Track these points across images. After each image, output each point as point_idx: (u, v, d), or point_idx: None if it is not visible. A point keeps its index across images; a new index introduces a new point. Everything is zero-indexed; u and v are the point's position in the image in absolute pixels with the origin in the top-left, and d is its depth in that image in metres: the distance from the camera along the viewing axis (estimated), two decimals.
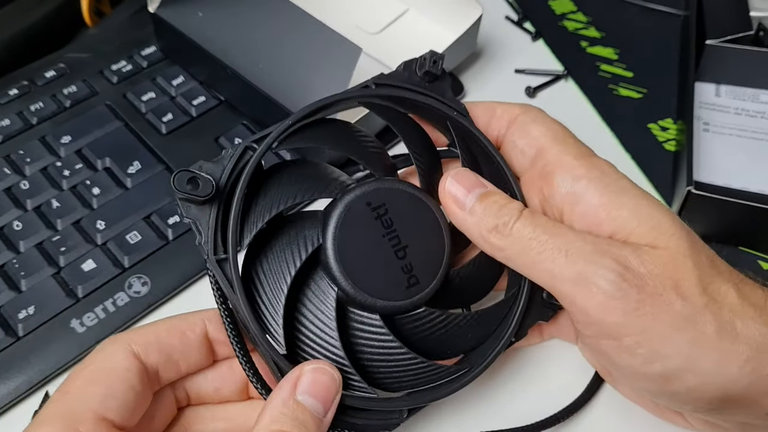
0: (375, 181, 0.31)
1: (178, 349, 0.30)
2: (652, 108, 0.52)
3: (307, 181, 0.32)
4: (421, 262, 0.31)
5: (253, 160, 0.30)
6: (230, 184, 0.30)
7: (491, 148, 0.34)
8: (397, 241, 0.31)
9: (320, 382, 0.28)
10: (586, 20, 0.58)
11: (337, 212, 0.30)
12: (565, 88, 0.53)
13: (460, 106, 0.35)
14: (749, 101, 0.49)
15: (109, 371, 0.28)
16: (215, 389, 0.32)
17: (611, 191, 0.30)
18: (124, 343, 0.29)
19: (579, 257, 0.28)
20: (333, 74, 0.40)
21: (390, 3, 0.50)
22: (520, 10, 0.58)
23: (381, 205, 0.31)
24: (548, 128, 0.33)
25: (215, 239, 0.29)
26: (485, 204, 0.31)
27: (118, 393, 0.28)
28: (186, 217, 0.29)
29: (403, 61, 0.35)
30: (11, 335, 0.37)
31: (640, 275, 0.28)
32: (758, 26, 0.50)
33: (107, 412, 0.27)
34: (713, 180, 0.44)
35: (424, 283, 0.31)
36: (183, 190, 0.28)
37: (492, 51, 0.55)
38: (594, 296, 0.28)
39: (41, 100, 0.46)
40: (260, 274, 0.30)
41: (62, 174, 0.42)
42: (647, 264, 0.28)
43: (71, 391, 0.28)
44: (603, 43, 0.56)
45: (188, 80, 0.48)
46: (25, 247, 0.39)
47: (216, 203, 0.29)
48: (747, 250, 0.44)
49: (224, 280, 0.29)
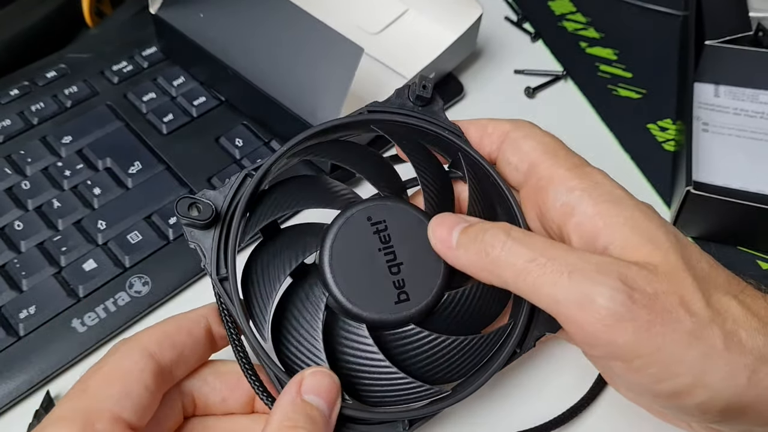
0: (379, 199, 0.32)
1: (189, 345, 0.31)
2: (651, 108, 0.52)
3: (315, 193, 0.33)
4: (415, 280, 0.31)
5: (249, 184, 0.32)
6: (232, 208, 0.31)
7: (489, 167, 0.34)
8: (393, 257, 0.31)
9: (322, 384, 0.29)
10: (586, 21, 0.58)
11: (338, 223, 0.31)
12: (565, 88, 0.53)
13: (454, 127, 0.35)
14: (748, 101, 0.49)
15: (125, 371, 0.29)
16: (222, 400, 0.32)
17: (606, 201, 0.30)
18: (139, 343, 0.30)
19: (582, 277, 0.27)
20: (334, 74, 0.40)
21: (390, 3, 0.50)
22: (520, 11, 0.58)
23: (381, 221, 0.32)
24: (539, 142, 0.33)
25: (217, 260, 0.30)
26: (469, 235, 0.30)
27: (133, 393, 0.28)
28: (190, 241, 0.31)
29: (396, 89, 0.36)
30: (12, 335, 0.37)
31: (647, 294, 0.27)
32: (757, 27, 0.50)
33: (123, 411, 0.28)
34: (712, 180, 0.44)
35: (415, 301, 0.31)
36: (185, 215, 0.30)
37: (492, 51, 0.55)
38: (602, 318, 0.26)
39: (42, 100, 0.46)
40: (258, 273, 0.31)
41: (63, 174, 0.43)
42: (653, 282, 0.27)
43: (88, 389, 0.28)
44: (602, 43, 0.56)
45: (189, 80, 0.48)
46: (26, 246, 0.40)
47: (218, 227, 0.31)
48: (746, 249, 0.44)
49: (226, 297, 0.30)
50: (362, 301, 0.31)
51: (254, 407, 0.33)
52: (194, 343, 0.31)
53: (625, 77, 0.54)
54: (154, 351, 0.29)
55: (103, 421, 0.27)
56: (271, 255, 0.32)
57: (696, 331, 0.27)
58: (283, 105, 0.43)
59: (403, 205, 0.32)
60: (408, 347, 0.31)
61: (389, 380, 0.31)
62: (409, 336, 0.31)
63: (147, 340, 0.30)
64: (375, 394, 0.31)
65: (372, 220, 0.32)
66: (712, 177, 0.44)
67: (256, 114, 0.46)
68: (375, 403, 0.31)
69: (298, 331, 0.31)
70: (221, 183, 0.43)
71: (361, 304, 0.31)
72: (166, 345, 0.30)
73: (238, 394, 0.32)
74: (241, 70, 0.44)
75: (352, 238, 0.31)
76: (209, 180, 0.43)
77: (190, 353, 0.31)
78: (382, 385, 0.31)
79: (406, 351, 0.31)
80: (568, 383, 0.37)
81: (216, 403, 0.32)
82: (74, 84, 0.47)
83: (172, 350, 0.30)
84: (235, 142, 0.45)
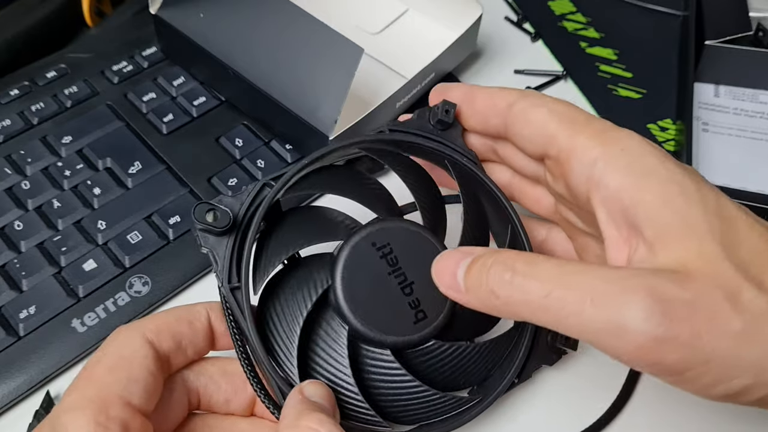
0: (378, 222, 0.33)
1: (187, 336, 0.31)
2: (651, 108, 0.52)
3: (316, 226, 0.34)
4: (428, 296, 0.32)
5: (268, 196, 0.32)
6: (247, 217, 0.32)
7: (500, 195, 0.35)
8: (403, 278, 0.32)
9: (320, 389, 0.30)
10: (586, 21, 0.58)
11: (344, 254, 0.32)
12: (565, 88, 0.53)
13: (471, 154, 0.36)
14: (748, 101, 0.49)
15: (128, 358, 0.29)
16: (225, 401, 0.32)
17: (634, 172, 0.27)
18: (139, 330, 0.30)
19: (607, 302, 0.24)
20: (334, 74, 0.40)
21: (390, 3, 0.50)
22: (520, 11, 0.58)
23: (386, 244, 0.32)
24: (551, 110, 0.30)
25: (230, 269, 0.31)
26: (473, 277, 0.27)
27: (139, 378, 0.28)
28: (204, 247, 0.31)
29: (417, 109, 0.36)
30: (12, 335, 0.37)
31: (684, 302, 0.24)
32: (757, 27, 0.50)
33: (131, 396, 0.28)
34: (712, 180, 0.44)
35: (432, 317, 0.32)
36: (202, 221, 0.30)
37: (492, 51, 0.55)
38: (641, 345, 0.24)
39: (42, 100, 0.46)
40: (274, 314, 0.32)
41: (63, 174, 0.43)
42: (689, 286, 0.24)
43: (94, 377, 0.28)
44: (602, 43, 0.56)
45: (189, 80, 0.48)
46: (26, 246, 0.40)
47: (233, 235, 0.31)
48: None
49: (236, 306, 0.30)
50: (383, 327, 0.31)
51: (254, 410, 0.33)
52: (193, 334, 0.31)
53: (625, 77, 0.54)
54: (153, 339, 0.30)
55: (116, 406, 0.27)
56: (282, 300, 0.32)
57: (748, 330, 0.24)
58: (283, 105, 0.43)
59: (402, 223, 0.33)
60: (431, 361, 0.32)
61: (421, 398, 0.32)
62: (432, 350, 0.32)
63: (146, 327, 0.30)
64: (409, 413, 0.32)
65: (377, 245, 0.32)
66: (711, 177, 0.44)
67: (256, 114, 0.46)
68: (411, 421, 0.32)
69: (325, 368, 0.32)
70: (221, 183, 0.43)
71: (382, 330, 0.31)
72: (165, 334, 0.30)
73: (241, 396, 0.32)
74: (241, 70, 0.44)
75: (361, 267, 0.32)
76: (209, 180, 0.43)
77: (188, 344, 0.31)
78: (415, 404, 0.32)
79: (431, 365, 0.32)
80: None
81: (219, 403, 0.32)
82: (74, 84, 0.47)
83: (170, 340, 0.30)
84: (235, 142, 0.45)
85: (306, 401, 0.29)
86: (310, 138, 0.42)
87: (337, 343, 0.31)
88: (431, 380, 0.32)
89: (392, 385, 0.32)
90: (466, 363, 0.33)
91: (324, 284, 0.32)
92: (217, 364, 0.33)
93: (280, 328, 0.31)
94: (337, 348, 0.31)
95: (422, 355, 0.32)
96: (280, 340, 0.31)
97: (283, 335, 0.31)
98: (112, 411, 0.27)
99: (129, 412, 0.28)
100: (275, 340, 0.31)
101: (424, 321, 0.32)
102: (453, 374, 0.33)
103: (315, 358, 0.32)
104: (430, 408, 0.32)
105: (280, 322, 0.31)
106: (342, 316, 0.31)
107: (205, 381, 0.32)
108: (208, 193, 0.42)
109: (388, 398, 0.32)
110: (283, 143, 0.45)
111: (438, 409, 0.32)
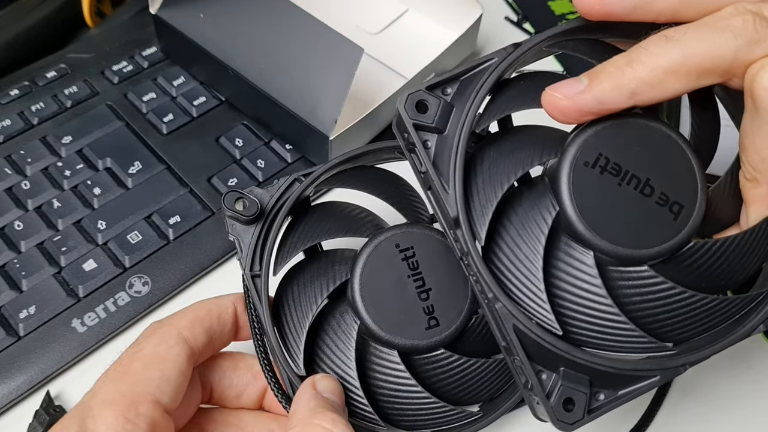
0: (407, 226, 0.33)
1: (217, 331, 0.32)
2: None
3: (342, 221, 0.34)
4: (443, 305, 0.32)
5: (297, 190, 0.33)
6: (275, 209, 0.33)
7: None
8: (422, 283, 0.32)
9: (333, 385, 0.30)
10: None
11: (367, 251, 0.32)
12: None
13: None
14: None
15: (163, 356, 0.29)
16: (236, 395, 0.33)
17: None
18: (175, 327, 0.30)
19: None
20: (335, 74, 0.40)
21: (390, 3, 0.50)
22: (520, 11, 0.58)
23: (409, 248, 0.32)
24: None
25: (253, 256, 0.31)
26: (597, 74, 0.27)
27: (171, 378, 0.29)
28: (231, 234, 0.32)
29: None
30: (12, 335, 0.37)
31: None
32: None
33: (162, 396, 0.28)
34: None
35: (444, 326, 0.32)
36: (231, 208, 0.31)
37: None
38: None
39: (42, 100, 0.46)
40: (291, 298, 0.32)
41: (63, 174, 0.43)
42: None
43: (129, 372, 0.29)
44: None
45: (189, 80, 0.48)
46: (26, 246, 0.40)
47: (259, 224, 0.32)
48: None
49: (255, 294, 0.31)
50: (394, 327, 0.31)
51: (262, 404, 0.33)
52: (222, 328, 0.32)
53: None
54: (188, 336, 0.30)
55: (146, 404, 0.28)
56: (301, 285, 0.32)
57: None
58: (284, 105, 0.43)
59: (429, 231, 0.33)
60: (438, 371, 0.32)
61: (421, 404, 0.32)
62: (440, 360, 0.32)
63: (181, 324, 0.30)
64: (407, 418, 0.32)
65: (400, 247, 0.32)
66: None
67: (256, 114, 0.46)
68: (407, 427, 0.32)
69: (331, 359, 0.32)
70: (221, 183, 0.43)
71: (392, 330, 0.31)
72: (198, 330, 0.31)
73: (251, 390, 0.33)
74: (241, 70, 0.44)
75: (381, 266, 0.32)
76: (209, 180, 0.43)
77: (217, 338, 0.32)
78: (414, 410, 0.32)
79: (437, 374, 0.32)
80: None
81: (230, 397, 0.33)
82: (74, 84, 0.47)
83: (204, 335, 0.31)
84: (235, 142, 0.45)
85: (319, 397, 0.29)
86: (310, 138, 0.42)
87: (347, 336, 0.32)
88: (435, 390, 0.32)
89: (395, 387, 0.32)
90: (473, 378, 0.32)
91: (343, 277, 0.32)
92: (230, 358, 0.33)
93: (294, 311, 0.32)
94: (346, 341, 0.32)
95: (429, 363, 0.32)
96: (292, 325, 0.31)
97: (295, 319, 0.31)
98: (142, 408, 0.27)
99: (158, 411, 0.28)
100: (287, 324, 0.32)
101: (435, 328, 0.32)
102: (459, 387, 0.32)
103: (323, 347, 0.32)
104: (429, 417, 0.32)
105: (294, 306, 0.32)
106: (355, 311, 0.31)
107: (219, 376, 0.32)
108: (208, 193, 0.42)
109: (388, 400, 0.32)
110: (283, 143, 0.45)
111: (437, 419, 0.32)
